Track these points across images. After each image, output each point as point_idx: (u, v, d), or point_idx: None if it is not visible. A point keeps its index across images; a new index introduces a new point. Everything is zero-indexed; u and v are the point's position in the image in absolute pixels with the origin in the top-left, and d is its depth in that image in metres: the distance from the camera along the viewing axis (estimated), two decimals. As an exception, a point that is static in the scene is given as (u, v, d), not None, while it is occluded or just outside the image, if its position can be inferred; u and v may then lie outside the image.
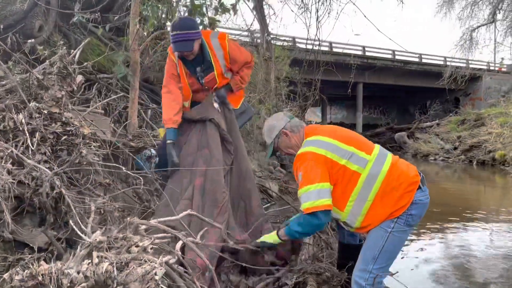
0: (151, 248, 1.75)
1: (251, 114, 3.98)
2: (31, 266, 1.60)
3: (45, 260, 2.24)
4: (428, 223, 6.40)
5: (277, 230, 2.64)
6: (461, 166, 15.57)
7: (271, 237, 2.63)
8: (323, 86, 11.21)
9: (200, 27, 3.47)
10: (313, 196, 2.34)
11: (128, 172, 2.67)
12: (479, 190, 11.09)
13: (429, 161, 17.14)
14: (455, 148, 17.33)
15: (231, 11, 4.57)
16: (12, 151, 2.33)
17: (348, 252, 2.66)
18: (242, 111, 3.69)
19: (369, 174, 2.37)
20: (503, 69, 27.20)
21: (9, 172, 2.25)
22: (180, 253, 1.89)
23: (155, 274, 1.58)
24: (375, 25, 10.61)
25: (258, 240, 2.71)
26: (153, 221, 2.04)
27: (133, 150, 3.61)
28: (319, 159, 2.39)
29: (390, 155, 2.50)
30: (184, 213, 2.27)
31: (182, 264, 2.01)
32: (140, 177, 2.82)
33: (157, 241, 1.83)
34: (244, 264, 2.67)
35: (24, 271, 1.63)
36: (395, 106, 30.07)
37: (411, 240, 5.63)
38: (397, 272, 2.75)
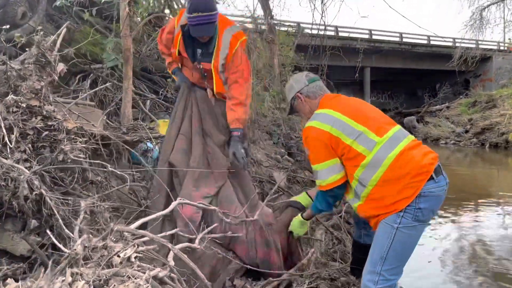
0: (135, 257, 1.50)
1: None
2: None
3: (24, 271, 2.01)
4: (443, 211, 6.20)
5: (302, 212, 2.64)
6: (473, 149, 15.23)
7: (301, 224, 2.62)
8: (329, 72, 10.88)
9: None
10: (323, 174, 2.29)
11: (114, 170, 2.40)
12: (492, 174, 10.76)
13: (440, 145, 16.79)
14: (467, 131, 16.94)
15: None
16: (-15, 150, 2.08)
17: (362, 252, 2.40)
18: None
19: (373, 158, 2.13)
20: (512, 48, 26.51)
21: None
22: (173, 263, 1.63)
23: (140, 293, 1.32)
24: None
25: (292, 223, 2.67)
26: (134, 225, 1.79)
27: (129, 143, 3.35)
28: (322, 135, 2.23)
29: (406, 139, 2.21)
30: (174, 203, 2.06)
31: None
32: (136, 173, 2.58)
33: (141, 248, 1.57)
34: (249, 267, 2.42)
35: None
36: (403, 90, 29.57)
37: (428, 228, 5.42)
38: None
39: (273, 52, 5.62)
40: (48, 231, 1.88)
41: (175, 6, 5.92)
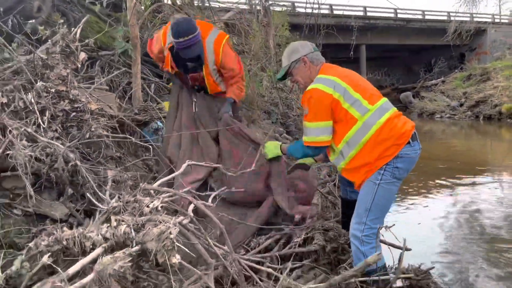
0: (161, 207, 1.87)
1: None
2: (56, 232, 1.73)
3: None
4: (435, 179, 6.51)
5: (282, 144, 3.03)
6: (467, 122, 15.55)
7: (273, 149, 3.01)
8: (325, 50, 11.05)
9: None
10: (315, 132, 2.57)
11: (137, 142, 2.77)
12: (485, 145, 11.14)
13: (435, 119, 17.12)
14: (461, 105, 17.24)
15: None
16: (25, 130, 2.43)
17: (351, 208, 2.78)
18: None
19: (365, 122, 2.48)
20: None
21: (24, 149, 2.36)
22: (192, 214, 2.01)
23: (170, 233, 1.70)
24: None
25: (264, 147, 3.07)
26: (155, 185, 2.17)
27: (140, 123, 3.71)
28: (326, 97, 2.51)
29: (391, 111, 2.58)
30: (184, 165, 2.44)
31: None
32: (150, 147, 2.94)
33: (166, 199, 1.94)
34: (249, 223, 2.81)
35: (49, 237, 1.76)
36: (399, 66, 29.69)
37: (418, 194, 5.75)
38: (394, 224, 2.91)
39: (268, 34, 5.91)
40: (87, 194, 2.23)
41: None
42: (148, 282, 2.14)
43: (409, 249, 3.22)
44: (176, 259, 1.63)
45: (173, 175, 2.59)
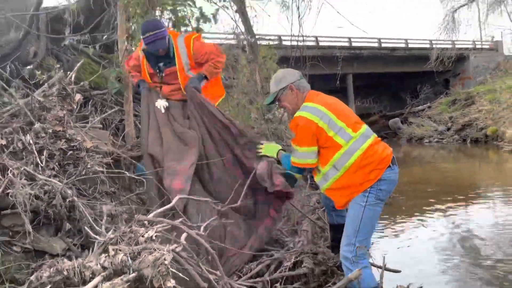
0: (155, 237, 2.00)
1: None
2: (56, 264, 1.84)
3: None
4: (427, 202, 6.59)
5: (279, 150, 3.17)
6: (455, 145, 15.83)
7: (272, 149, 3.18)
8: (312, 81, 11.35)
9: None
10: (302, 156, 2.79)
11: (132, 176, 2.91)
12: (474, 167, 11.35)
13: (424, 144, 17.41)
14: (448, 129, 17.60)
15: (212, 20, 4.82)
16: (24, 169, 2.56)
17: (339, 232, 2.92)
18: None
19: (349, 148, 2.68)
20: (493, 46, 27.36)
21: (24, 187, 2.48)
22: (185, 242, 2.13)
23: (165, 259, 1.82)
24: (348, 19, 11.04)
25: (263, 144, 3.24)
26: (150, 216, 2.30)
27: (133, 158, 3.85)
28: (311, 125, 2.71)
29: (372, 137, 2.79)
30: (175, 199, 2.60)
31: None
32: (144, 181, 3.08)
33: (159, 229, 2.07)
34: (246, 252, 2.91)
35: (50, 269, 1.87)
36: (386, 94, 30.25)
37: (410, 216, 5.83)
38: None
39: (254, 69, 6.17)
40: (84, 227, 2.35)
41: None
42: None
43: (399, 271, 3.34)
44: (171, 283, 1.75)
45: (167, 206, 2.71)
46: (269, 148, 3.22)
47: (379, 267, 2.92)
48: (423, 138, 18.11)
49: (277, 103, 3.05)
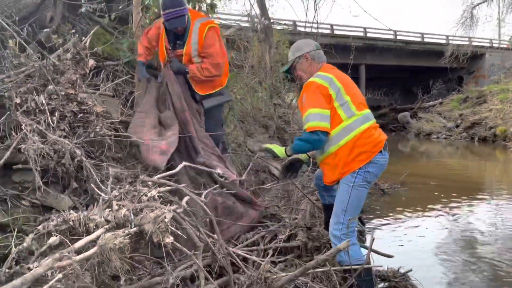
0: (158, 197, 2.10)
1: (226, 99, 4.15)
2: (63, 214, 1.95)
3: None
4: (431, 200, 6.54)
5: (286, 147, 3.03)
6: (463, 143, 15.78)
7: (279, 150, 3.01)
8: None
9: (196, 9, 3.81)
10: (317, 118, 2.71)
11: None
12: (479, 165, 11.33)
13: (432, 140, 17.38)
14: (457, 126, 17.54)
15: (227, -2, 4.83)
16: (36, 127, 2.67)
17: (331, 211, 3.01)
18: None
19: (348, 125, 2.74)
20: (509, 46, 26.99)
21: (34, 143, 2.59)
22: (186, 205, 2.23)
23: (165, 217, 1.92)
24: (364, 8, 10.94)
25: (265, 146, 3.15)
26: (155, 177, 2.40)
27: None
28: (323, 89, 2.75)
29: (372, 121, 2.87)
30: (180, 165, 2.69)
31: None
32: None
33: (162, 189, 2.17)
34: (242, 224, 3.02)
35: (57, 218, 1.98)
36: (398, 87, 30.11)
37: (413, 215, 5.83)
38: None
39: (265, 50, 6.22)
40: (91, 185, 2.45)
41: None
42: (142, 272, 2.37)
43: (391, 256, 3.41)
44: (169, 239, 1.85)
45: (172, 171, 2.81)
46: (278, 150, 3.11)
47: (385, 255, 3.03)
48: (431, 134, 18.06)
49: (292, 72, 3.08)
